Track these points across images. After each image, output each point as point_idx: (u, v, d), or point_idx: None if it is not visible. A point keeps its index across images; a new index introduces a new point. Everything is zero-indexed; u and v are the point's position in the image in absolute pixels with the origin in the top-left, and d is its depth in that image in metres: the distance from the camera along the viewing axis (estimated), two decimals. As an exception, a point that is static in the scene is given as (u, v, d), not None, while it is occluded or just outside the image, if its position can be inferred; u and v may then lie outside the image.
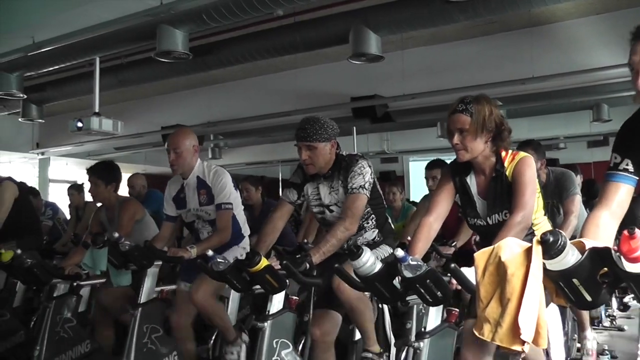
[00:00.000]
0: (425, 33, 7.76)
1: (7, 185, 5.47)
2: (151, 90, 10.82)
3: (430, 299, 2.46)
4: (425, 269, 2.40)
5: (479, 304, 1.83)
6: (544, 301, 1.72)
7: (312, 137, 3.56)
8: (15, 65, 7.77)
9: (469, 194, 3.10)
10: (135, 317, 4.01)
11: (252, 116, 10.68)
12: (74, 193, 8.00)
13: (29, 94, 9.04)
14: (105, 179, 4.94)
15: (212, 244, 4.01)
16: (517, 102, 9.32)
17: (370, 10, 6.68)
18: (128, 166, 13.35)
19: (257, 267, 3.17)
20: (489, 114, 2.92)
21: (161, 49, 6.36)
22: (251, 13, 5.72)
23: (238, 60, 7.73)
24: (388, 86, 9.24)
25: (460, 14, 6.19)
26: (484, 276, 1.82)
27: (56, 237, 8.06)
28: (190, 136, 4.42)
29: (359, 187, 3.56)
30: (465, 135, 2.92)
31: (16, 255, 4.37)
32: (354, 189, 3.57)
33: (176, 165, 4.32)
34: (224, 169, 4.43)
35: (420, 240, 3.01)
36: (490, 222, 3.02)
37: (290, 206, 3.86)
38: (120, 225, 4.78)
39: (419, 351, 2.76)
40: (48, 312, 4.44)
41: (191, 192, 4.39)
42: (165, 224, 4.57)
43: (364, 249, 2.51)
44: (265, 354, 3.47)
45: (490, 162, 3.02)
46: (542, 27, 7.97)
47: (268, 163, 16.08)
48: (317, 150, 3.59)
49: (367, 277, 2.53)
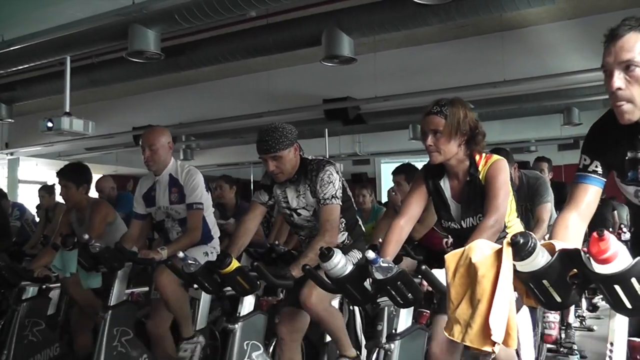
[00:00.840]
0: (398, 35, 7.79)
1: None
2: (123, 90, 10.74)
3: (401, 300, 2.46)
4: (397, 270, 2.40)
5: (450, 305, 1.83)
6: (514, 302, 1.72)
7: (275, 147, 3.51)
8: (-17, 64, 7.67)
9: (442, 197, 3.10)
10: (105, 319, 3.95)
11: (224, 117, 10.65)
12: (44, 195, 7.90)
13: (-1, 93, 8.94)
14: (76, 181, 4.87)
15: (182, 245, 3.98)
16: (489, 105, 9.41)
17: (343, 13, 6.70)
18: (99, 167, 13.26)
19: (228, 268, 3.14)
20: (463, 117, 2.93)
21: (133, 48, 6.32)
22: (224, 14, 5.70)
23: (210, 61, 7.71)
24: (360, 88, 9.26)
25: (432, 17, 6.22)
26: (455, 277, 1.82)
27: (24, 238, 7.94)
28: (166, 133, 4.39)
29: (330, 197, 3.53)
30: (439, 137, 2.92)
31: (-18, 257, 4.31)
32: (327, 200, 3.53)
33: (151, 162, 4.28)
34: (197, 170, 4.41)
35: (391, 243, 3.01)
36: (464, 226, 3.03)
37: (262, 207, 3.84)
38: (92, 227, 4.71)
39: (389, 353, 2.76)
40: (16, 316, 4.37)
41: (162, 190, 4.35)
42: (134, 223, 4.52)
43: (335, 250, 2.50)
44: (236, 356, 3.45)
45: (464, 165, 3.02)
46: (513, 32, 8.05)
47: (240, 165, 16.05)
48: (283, 158, 3.55)
49: (339, 279, 2.53)
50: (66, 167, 5.02)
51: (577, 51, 7.76)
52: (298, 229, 3.82)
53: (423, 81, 8.49)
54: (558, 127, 11.43)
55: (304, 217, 3.70)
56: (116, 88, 9.99)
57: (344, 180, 3.72)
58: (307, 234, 3.79)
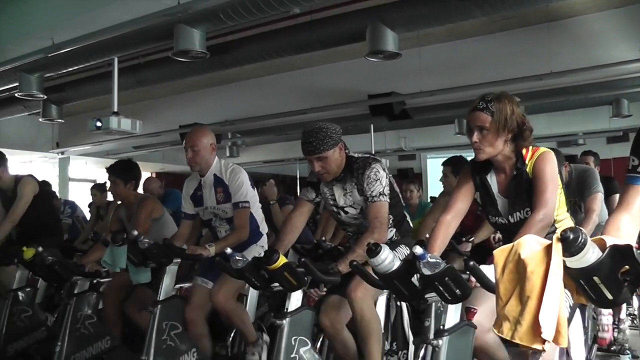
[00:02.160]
0: (442, 30, 7.71)
1: (27, 181, 5.49)
2: (169, 89, 10.86)
3: (449, 296, 2.45)
4: (444, 266, 2.39)
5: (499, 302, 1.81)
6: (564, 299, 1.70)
7: (320, 148, 3.52)
8: (35, 66, 7.84)
9: (489, 192, 3.06)
10: (154, 314, 4.01)
11: (269, 114, 10.68)
12: (96, 193, 8.05)
13: (49, 94, 9.12)
14: (124, 178, 4.98)
15: (230, 242, 4.02)
16: (535, 98, 9.26)
17: (387, 8, 6.66)
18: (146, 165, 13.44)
19: (275, 264, 3.17)
20: (510, 113, 2.86)
21: (179, 48, 6.38)
22: (268, 11, 5.72)
23: (255, 58, 7.74)
24: (405, 83, 9.21)
25: (477, 10, 6.15)
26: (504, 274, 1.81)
27: (75, 235, 8.11)
28: (208, 134, 4.43)
29: (378, 194, 3.53)
30: (485, 134, 2.87)
31: (37, 253, 4.40)
32: (374, 197, 3.53)
33: (194, 162, 4.34)
34: (241, 167, 4.44)
35: (438, 238, 2.99)
36: (512, 220, 2.98)
37: (309, 205, 3.85)
38: (138, 222, 4.80)
39: (437, 349, 2.74)
40: (69, 309, 4.47)
41: (208, 190, 4.40)
42: (184, 222, 4.58)
43: (383, 246, 2.50)
44: (283, 351, 3.47)
45: (510, 161, 2.97)
46: (560, 22, 7.91)
47: (285, 161, 16.08)
48: (327, 158, 3.55)
49: (386, 275, 2.53)
50: (115, 164, 5.13)
51: (625, 40, 7.60)
52: (345, 225, 3.83)
53: (468, 75, 8.40)
54: (606, 120, 11.19)
55: (351, 215, 3.71)
56: (162, 87, 10.10)
57: (391, 177, 3.71)
58: (355, 230, 3.80)
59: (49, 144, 13.87)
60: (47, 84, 8.58)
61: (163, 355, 3.99)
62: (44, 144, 13.78)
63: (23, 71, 7.98)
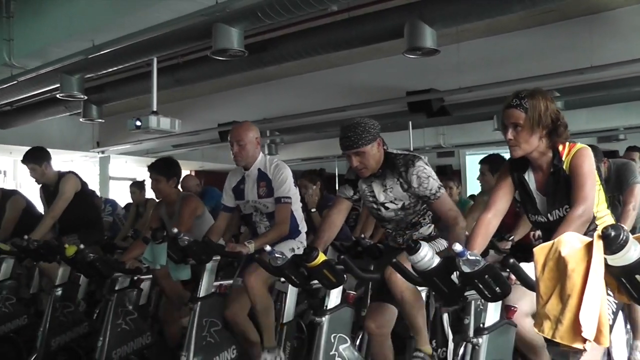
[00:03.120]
0: (481, 25, 7.65)
1: (69, 178, 5.60)
2: (207, 88, 10.95)
3: (489, 294, 2.44)
4: (484, 264, 2.38)
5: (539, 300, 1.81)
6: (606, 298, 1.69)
7: (358, 142, 3.52)
8: (76, 67, 7.98)
9: (528, 190, 3.04)
10: (194, 310, 4.06)
11: (307, 112, 10.70)
12: (135, 191, 8.16)
13: (90, 95, 9.26)
14: (165, 175, 5.04)
15: (270, 239, 4.05)
16: (576, 92, 9.13)
17: (425, 4, 6.63)
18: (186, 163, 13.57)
19: (314, 262, 3.19)
20: (544, 110, 2.85)
21: (217, 47, 6.43)
22: (305, 9, 5.74)
23: (293, 56, 7.76)
24: (443, 80, 9.16)
25: (516, 4, 6.08)
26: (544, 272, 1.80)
27: (116, 232, 8.23)
28: (253, 128, 4.47)
29: (436, 190, 3.56)
30: (519, 131, 2.86)
31: (79, 250, 4.48)
32: (436, 194, 3.56)
33: (239, 157, 4.38)
34: (285, 164, 4.46)
35: (478, 236, 2.98)
36: (551, 218, 2.95)
37: (347, 202, 3.86)
38: (181, 220, 4.85)
39: (477, 347, 2.73)
40: (110, 305, 4.54)
41: (251, 184, 4.43)
42: (222, 215, 4.62)
43: (422, 243, 2.50)
44: (323, 348, 3.49)
45: (546, 157, 2.95)
46: (601, 15, 7.78)
47: (324, 158, 16.08)
48: (366, 153, 3.56)
49: (425, 272, 2.53)
50: (157, 162, 5.21)
51: (669, 33, 7.46)
52: (385, 222, 3.83)
53: (507, 70, 8.31)
54: (648, 114, 11.01)
55: (391, 210, 3.71)
56: (201, 86, 10.19)
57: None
58: (395, 227, 3.80)
59: (89, 144, 14.11)
60: (87, 85, 8.72)
61: (203, 352, 4.04)
62: (84, 144, 14.02)
63: (64, 72, 8.13)
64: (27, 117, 11.63)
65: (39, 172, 5.65)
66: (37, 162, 5.63)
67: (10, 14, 7.58)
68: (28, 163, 5.64)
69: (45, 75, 8.22)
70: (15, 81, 8.45)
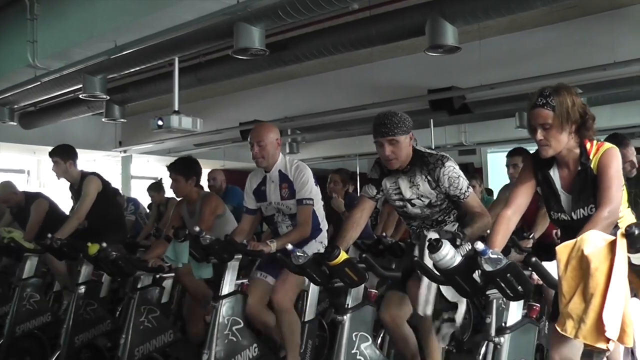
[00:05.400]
0: (502, 21, 7.60)
1: (91, 179, 5.65)
2: (229, 87, 10.98)
3: (511, 293, 2.43)
4: (506, 262, 2.37)
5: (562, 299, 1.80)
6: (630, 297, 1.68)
7: (394, 130, 3.55)
8: (98, 68, 8.03)
9: (552, 187, 3.01)
10: (216, 309, 4.08)
11: (328, 110, 10.69)
12: (153, 194, 8.22)
13: (112, 95, 9.32)
14: (184, 174, 5.06)
15: (292, 239, 4.06)
16: (598, 89, 9.03)
17: (446, 1, 6.60)
18: (207, 162, 13.62)
19: (336, 260, 3.20)
20: (571, 105, 2.82)
21: (238, 46, 6.44)
22: (327, 7, 5.74)
23: (314, 54, 7.76)
24: (465, 77, 9.11)
25: (538, 0, 6.04)
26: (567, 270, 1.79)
27: (138, 231, 8.31)
28: (274, 130, 4.47)
29: (466, 189, 3.62)
30: (549, 131, 2.84)
31: (102, 248, 4.51)
32: (466, 193, 3.62)
33: (260, 158, 4.38)
34: (306, 164, 4.47)
35: (499, 234, 2.97)
36: (575, 217, 2.93)
37: (371, 202, 3.88)
38: (202, 219, 4.88)
39: (499, 346, 2.73)
40: (133, 303, 4.58)
41: (273, 186, 4.44)
42: (245, 217, 4.64)
43: (444, 242, 2.50)
44: (344, 347, 3.50)
45: (574, 154, 2.93)
46: (623, 10, 7.70)
47: (346, 157, 16.08)
48: (400, 143, 3.58)
49: (447, 271, 2.53)
50: (176, 161, 5.23)
51: (693, 27, 7.36)
52: (410, 219, 3.85)
53: (529, 67, 8.26)
54: (673, 111, 10.87)
55: (418, 206, 3.72)
56: (222, 85, 10.22)
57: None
58: (420, 224, 3.81)
59: (112, 143, 14.22)
60: (109, 85, 8.77)
61: (224, 350, 4.06)
62: (107, 143, 14.13)
63: (87, 73, 8.18)
64: (51, 118, 11.72)
65: (62, 167, 5.71)
66: (63, 158, 5.70)
67: (35, 16, 7.63)
68: (54, 156, 5.72)
69: (68, 76, 8.28)
70: (39, 82, 8.51)
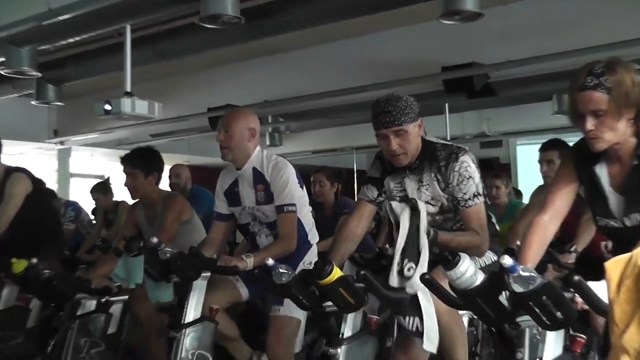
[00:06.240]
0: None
1: (17, 178, 5.46)
2: (195, 64, 10.94)
3: (548, 320, 2.42)
4: (541, 282, 2.36)
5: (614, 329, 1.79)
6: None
7: (400, 118, 3.52)
8: (26, 37, 7.89)
9: (598, 187, 2.99)
10: (178, 340, 4.05)
11: (318, 93, 10.66)
12: (99, 196, 8.14)
13: (45, 71, 9.21)
14: (144, 169, 5.01)
15: (272, 254, 3.96)
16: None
17: (465, -45, 6.61)
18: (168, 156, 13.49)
19: (328, 278, 3.18)
20: (631, 85, 2.73)
21: (207, 12, 6.41)
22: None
23: (301, 24, 7.74)
24: (488, 51, 9.12)
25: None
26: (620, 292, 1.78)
27: (80, 243, 8.26)
28: (249, 117, 4.46)
29: (472, 196, 3.56)
30: (602, 119, 2.74)
31: (31, 265, 4.45)
32: (468, 201, 3.56)
33: (224, 148, 4.35)
34: (286, 161, 4.43)
35: (532, 245, 2.96)
36: (629, 224, 2.91)
37: (371, 206, 3.86)
38: (163, 226, 4.84)
39: (534, 387, 2.73)
40: (70, 334, 4.56)
41: (246, 186, 4.41)
42: (216, 225, 4.61)
43: (462, 256, 2.49)
44: (338, 387, 3.49)
45: (628, 145, 2.87)
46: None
47: (340, 151, 16.09)
48: (408, 134, 3.55)
49: (467, 292, 2.52)
50: (132, 153, 5.19)
51: None
52: None
53: (567, 38, 8.26)
54: None
55: (428, 213, 3.70)
56: (187, 61, 10.17)
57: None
58: None
59: (44, 133, 14.09)
60: (41, 59, 8.69)
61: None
62: (38, 133, 13.99)
63: (11, 43, 8.06)
64: (-36, 100, 11.66)
65: None
66: None
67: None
68: None
69: (-14, 46, 8.22)
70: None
